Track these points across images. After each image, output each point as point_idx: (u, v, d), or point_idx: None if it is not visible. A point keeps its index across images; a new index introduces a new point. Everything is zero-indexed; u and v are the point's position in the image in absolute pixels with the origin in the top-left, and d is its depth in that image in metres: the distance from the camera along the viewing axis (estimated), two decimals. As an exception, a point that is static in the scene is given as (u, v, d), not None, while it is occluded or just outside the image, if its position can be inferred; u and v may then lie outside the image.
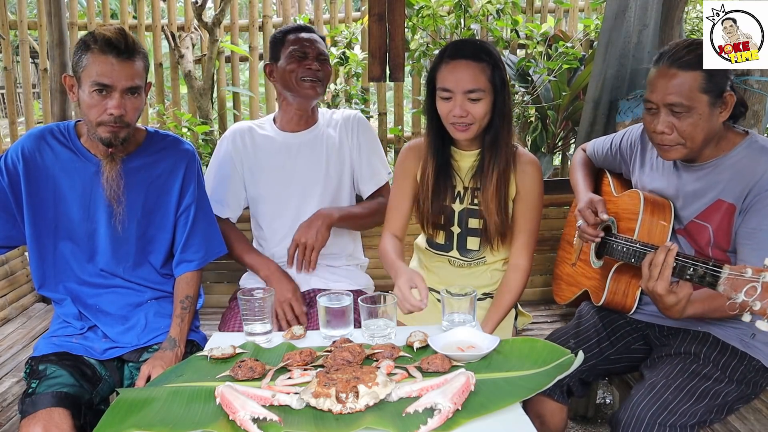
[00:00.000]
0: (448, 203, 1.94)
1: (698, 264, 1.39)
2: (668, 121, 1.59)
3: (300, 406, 1.25)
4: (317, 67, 2.06)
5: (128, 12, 4.62)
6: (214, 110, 4.55)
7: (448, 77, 1.78)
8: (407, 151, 2.01)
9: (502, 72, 1.81)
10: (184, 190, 1.84)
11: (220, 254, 1.93)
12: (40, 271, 1.80)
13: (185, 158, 1.84)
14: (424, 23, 3.94)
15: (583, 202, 1.90)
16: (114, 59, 1.61)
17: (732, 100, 1.59)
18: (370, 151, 2.21)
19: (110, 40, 1.61)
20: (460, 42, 1.92)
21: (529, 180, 1.90)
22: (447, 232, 1.98)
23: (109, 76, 1.61)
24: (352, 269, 2.22)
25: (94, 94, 1.62)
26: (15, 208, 1.75)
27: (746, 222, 1.58)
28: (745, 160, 1.62)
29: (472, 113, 1.78)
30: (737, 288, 1.26)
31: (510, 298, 1.91)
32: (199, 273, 1.89)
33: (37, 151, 1.74)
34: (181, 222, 1.85)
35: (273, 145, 2.15)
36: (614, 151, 1.99)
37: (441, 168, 1.92)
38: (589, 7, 4.52)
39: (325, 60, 2.09)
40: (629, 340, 1.87)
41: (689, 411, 1.54)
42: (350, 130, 2.19)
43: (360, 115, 2.25)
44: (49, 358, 1.67)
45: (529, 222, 1.92)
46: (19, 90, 4.73)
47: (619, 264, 1.80)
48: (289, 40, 2.09)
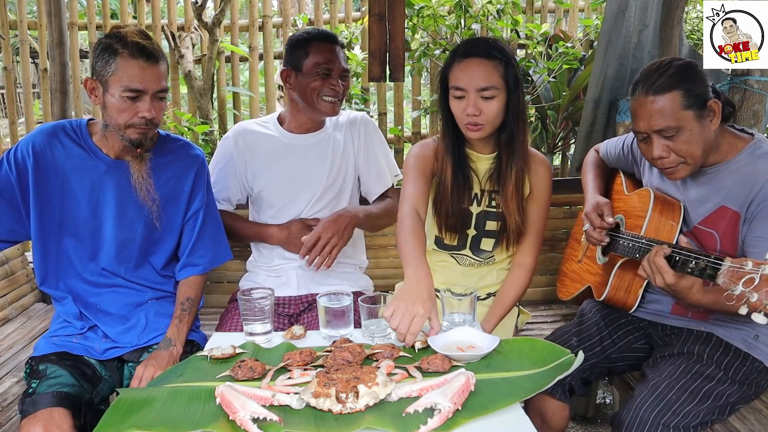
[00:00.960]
0: (465, 205, 1.91)
1: (700, 257, 1.40)
2: (663, 145, 1.59)
3: (300, 406, 1.25)
4: (340, 87, 2.03)
5: (128, 12, 4.62)
6: (214, 110, 4.55)
7: (461, 75, 1.77)
8: (422, 151, 1.94)
9: (516, 69, 1.79)
10: (193, 194, 1.85)
11: (226, 260, 1.94)
12: (42, 267, 1.80)
13: (195, 163, 1.85)
14: (424, 23, 3.94)
15: (589, 205, 1.90)
16: (144, 63, 1.61)
17: (718, 107, 1.58)
18: (377, 153, 2.19)
19: (140, 45, 1.61)
20: (472, 40, 1.91)
21: (541, 180, 1.92)
22: (461, 234, 1.96)
23: (141, 81, 1.62)
24: (351, 271, 2.21)
25: (125, 98, 1.63)
26: (21, 203, 1.75)
27: (752, 230, 1.58)
28: (749, 167, 1.61)
29: (485, 111, 1.76)
30: (736, 280, 1.27)
31: (514, 295, 1.91)
32: (203, 277, 1.89)
33: (48, 147, 1.74)
34: (188, 226, 1.86)
35: (277, 146, 2.12)
36: (626, 153, 1.99)
37: (458, 169, 1.89)
38: (589, 7, 4.52)
39: (346, 76, 2.06)
40: (631, 338, 1.87)
41: (692, 412, 1.55)
42: (356, 132, 2.17)
43: (366, 116, 2.23)
44: (50, 358, 1.67)
45: (539, 221, 1.93)
46: (19, 90, 4.73)
47: (624, 260, 1.80)
48: (313, 51, 2.01)
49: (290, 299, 2.10)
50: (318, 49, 2.01)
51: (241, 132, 2.16)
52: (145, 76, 1.62)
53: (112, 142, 1.73)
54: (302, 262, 2.08)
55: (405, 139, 4.54)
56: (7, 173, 1.73)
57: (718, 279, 1.32)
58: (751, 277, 1.24)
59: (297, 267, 2.11)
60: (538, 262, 2.63)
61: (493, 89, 1.75)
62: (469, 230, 1.94)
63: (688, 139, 1.56)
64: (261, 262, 2.19)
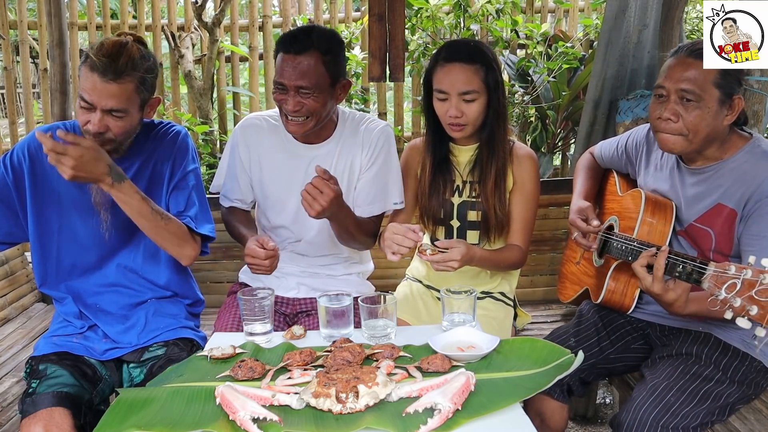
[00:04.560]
0: (447, 197, 1.99)
1: (687, 261, 1.41)
2: (675, 110, 1.60)
3: (300, 406, 1.25)
4: (293, 108, 1.78)
5: (128, 12, 4.62)
6: (214, 110, 4.54)
7: (444, 79, 1.86)
8: (409, 150, 2.09)
9: (496, 72, 1.88)
10: (174, 167, 1.80)
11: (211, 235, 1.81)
12: (42, 269, 1.80)
13: (176, 139, 1.82)
14: (423, 24, 3.94)
15: (572, 213, 1.93)
16: (99, 79, 1.59)
17: (740, 105, 1.60)
18: (386, 175, 1.98)
19: (98, 56, 1.59)
20: (454, 43, 1.99)
21: (525, 172, 1.97)
22: (447, 227, 2.02)
23: (90, 95, 1.61)
24: (353, 278, 2.18)
25: (81, 105, 1.63)
26: (18, 206, 1.75)
27: (748, 228, 1.58)
28: (747, 165, 1.62)
29: (467, 113, 1.86)
30: (720, 284, 1.27)
31: (506, 256, 1.94)
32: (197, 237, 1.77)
33: (43, 149, 1.74)
34: (174, 194, 1.79)
35: (283, 148, 1.99)
36: (620, 152, 2.00)
37: (440, 164, 1.99)
38: (589, 7, 4.52)
39: (308, 93, 1.77)
40: (629, 339, 1.87)
41: (691, 413, 1.55)
42: (372, 147, 1.97)
43: (389, 130, 2.01)
44: (50, 358, 1.67)
45: (525, 210, 1.98)
46: (19, 90, 4.73)
47: (618, 262, 1.81)
48: (277, 61, 1.83)
49: (290, 300, 2.09)
50: (279, 60, 1.82)
51: (250, 127, 2.03)
52: (94, 92, 1.60)
53: None
54: (303, 264, 2.08)
55: (405, 139, 4.54)
56: (3, 176, 1.73)
57: (703, 284, 1.33)
58: (733, 282, 1.24)
59: (298, 271, 2.10)
60: (539, 262, 2.66)
61: (474, 93, 1.85)
62: (452, 221, 2.01)
63: (702, 115, 1.58)
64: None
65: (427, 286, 2.12)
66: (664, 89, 1.63)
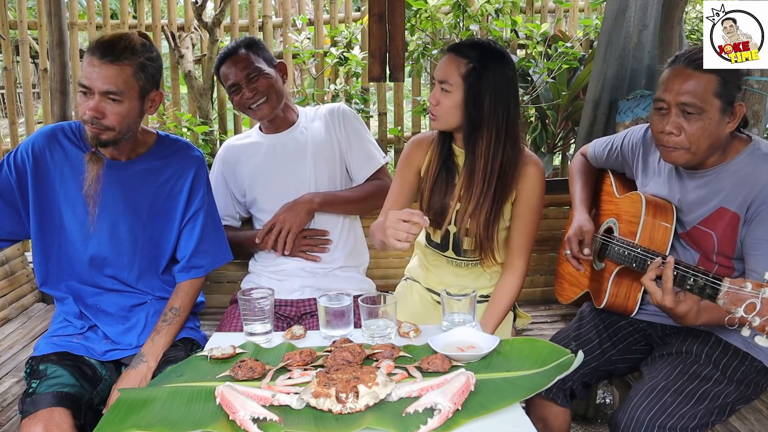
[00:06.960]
0: (446, 200, 1.92)
1: (698, 275, 1.39)
2: (677, 122, 1.58)
3: (300, 406, 1.25)
4: (250, 94, 2.07)
5: (128, 12, 4.62)
6: (214, 110, 4.54)
7: (438, 65, 1.86)
8: (415, 143, 2.00)
9: (489, 72, 1.77)
10: (192, 196, 1.82)
11: (227, 261, 1.92)
12: (43, 268, 1.80)
13: (194, 164, 1.83)
14: (422, 25, 3.94)
15: (572, 229, 1.89)
16: (97, 61, 1.60)
17: (741, 111, 1.58)
18: (360, 139, 2.22)
19: (98, 42, 1.61)
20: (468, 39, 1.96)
21: (529, 185, 1.87)
22: (444, 230, 1.97)
23: (88, 78, 1.61)
24: (354, 275, 2.19)
25: (80, 93, 1.64)
26: (21, 205, 1.75)
27: (752, 232, 1.58)
28: (748, 168, 1.61)
29: (441, 104, 1.82)
30: (737, 303, 1.26)
31: (507, 300, 1.89)
32: (200, 281, 1.87)
33: (47, 150, 1.74)
34: (188, 228, 1.83)
35: (260, 150, 2.19)
36: (615, 153, 1.98)
37: (444, 162, 1.93)
38: (589, 7, 4.52)
39: (256, 76, 2.07)
40: (631, 340, 1.87)
41: (689, 413, 1.54)
42: (336, 121, 2.21)
43: (344, 106, 2.28)
44: (50, 358, 1.67)
45: (528, 225, 1.90)
46: (19, 90, 4.72)
47: (621, 267, 1.80)
48: (221, 76, 2.13)
49: (294, 302, 2.10)
50: (222, 74, 2.12)
51: (227, 149, 2.26)
52: (92, 73, 1.60)
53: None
54: (304, 265, 2.09)
55: (405, 139, 4.53)
56: (7, 176, 1.73)
57: (719, 301, 1.31)
58: (752, 302, 1.23)
59: (299, 270, 2.11)
60: (538, 262, 2.65)
61: (447, 84, 1.80)
62: (450, 226, 1.94)
63: (704, 126, 1.56)
64: (262, 264, 2.19)
65: (427, 289, 2.11)
66: (665, 102, 1.60)
